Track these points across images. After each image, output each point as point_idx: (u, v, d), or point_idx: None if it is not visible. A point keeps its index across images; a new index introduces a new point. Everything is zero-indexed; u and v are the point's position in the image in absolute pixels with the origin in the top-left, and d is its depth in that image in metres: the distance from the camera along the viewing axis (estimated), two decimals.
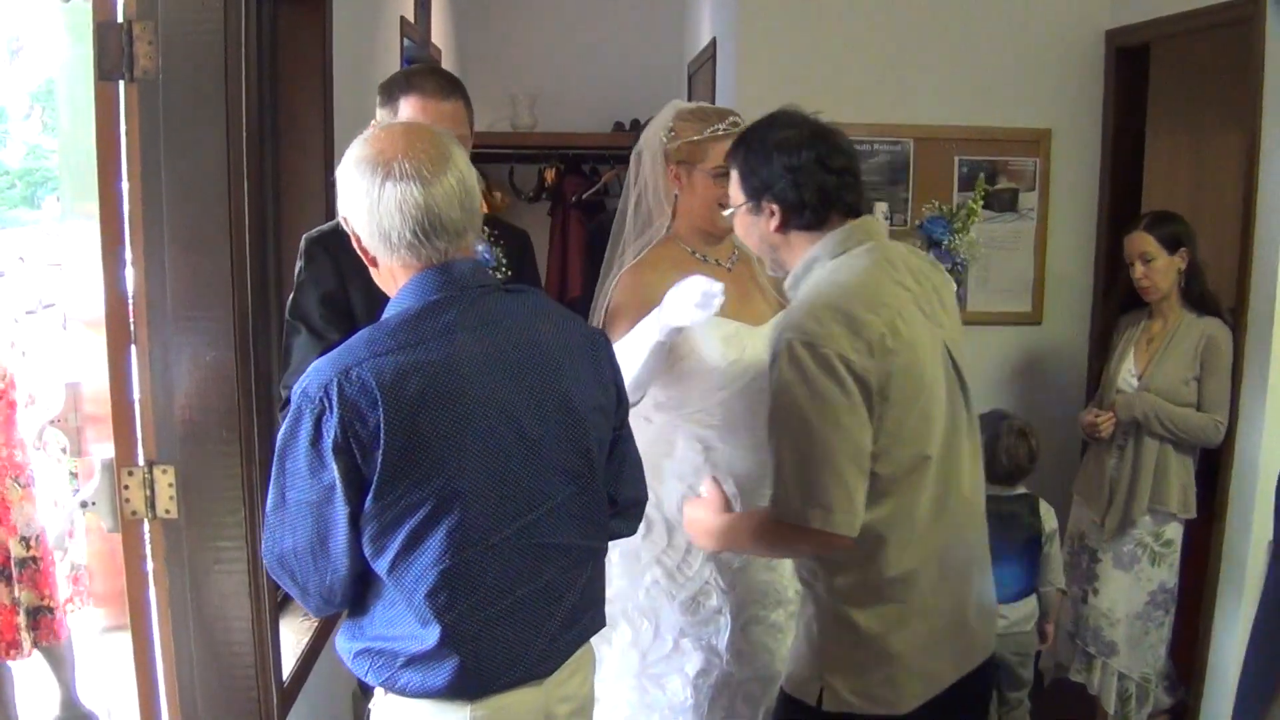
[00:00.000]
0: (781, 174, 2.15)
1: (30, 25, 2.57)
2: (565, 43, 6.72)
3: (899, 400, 2.05)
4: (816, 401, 2.00)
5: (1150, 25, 4.01)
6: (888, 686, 2.14)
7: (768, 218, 2.19)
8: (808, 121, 2.23)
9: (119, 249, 2.25)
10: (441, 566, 1.77)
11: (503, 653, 1.85)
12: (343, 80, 3.27)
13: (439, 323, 1.79)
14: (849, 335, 2.01)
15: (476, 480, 1.78)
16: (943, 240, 3.87)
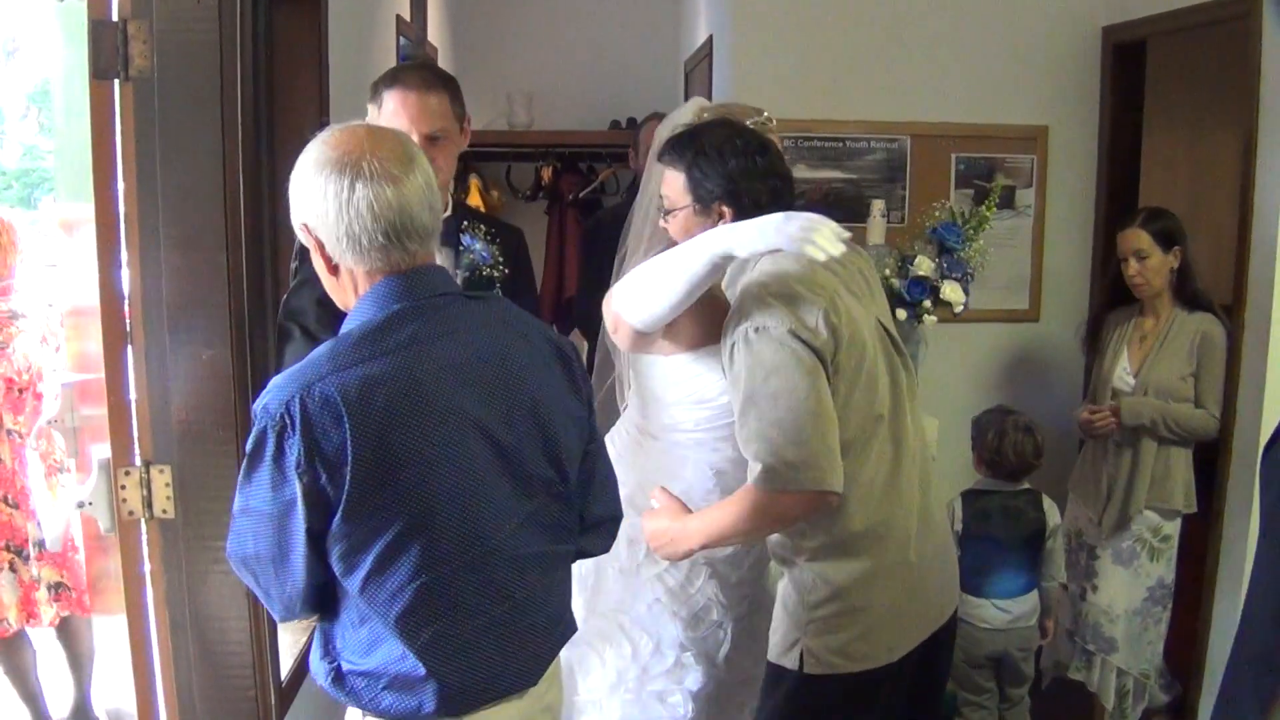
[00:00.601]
0: (739, 178, 2.26)
1: (26, 26, 2.58)
2: (562, 41, 6.71)
3: (847, 369, 2.19)
4: (779, 375, 2.12)
5: (1147, 22, 4.01)
6: (863, 642, 2.25)
7: (716, 219, 2.28)
8: (748, 129, 2.36)
9: (115, 248, 2.24)
10: (416, 584, 1.72)
11: (484, 668, 1.81)
12: (339, 79, 3.27)
13: (403, 334, 1.74)
14: (795, 314, 2.14)
15: (449, 495, 1.74)
16: (956, 248, 3.85)
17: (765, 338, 2.14)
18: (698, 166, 2.28)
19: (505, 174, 6.60)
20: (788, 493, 2.13)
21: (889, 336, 2.38)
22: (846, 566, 2.25)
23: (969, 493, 3.62)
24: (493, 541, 1.79)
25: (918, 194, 4.29)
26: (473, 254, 2.49)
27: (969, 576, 3.49)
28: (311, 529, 1.69)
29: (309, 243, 1.80)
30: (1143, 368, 3.53)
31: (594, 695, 2.55)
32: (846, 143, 4.26)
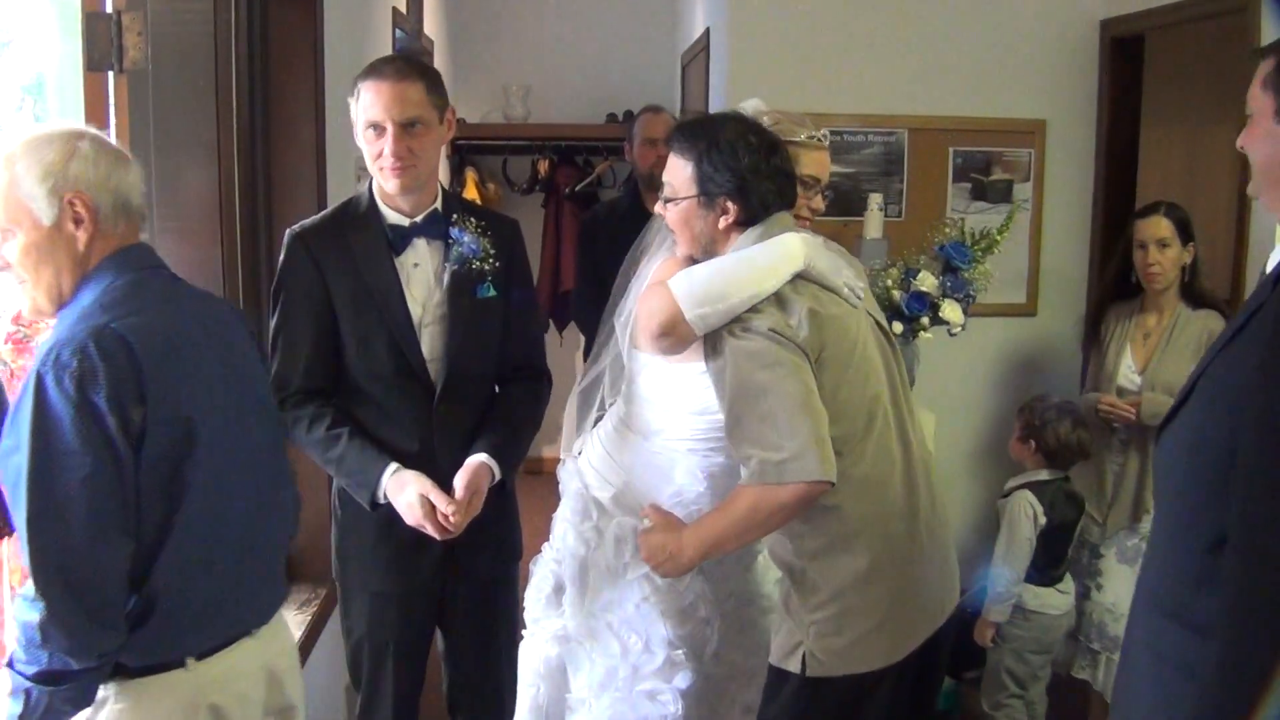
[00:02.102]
0: (748, 176, 2.23)
1: (19, 17, 2.56)
2: (558, 34, 6.70)
3: (834, 365, 2.18)
4: (764, 370, 2.11)
5: (1145, 16, 4.01)
6: (865, 643, 2.22)
7: (718, 214, 2.26)
8: (760, 126, 2.32)
9: None
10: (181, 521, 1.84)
11: (211, 604, 1.91)
12: (334, 71, 3.26)
13: (154, 291, 1.88)
14: (778, 312, 2.15)
15: (211, 438, 1.87)
16: (961, 268, 3.83)
17: (749, 336, 2.14)
18: (708, 159, 2.25)
19: (502, 167, 6.59)
20: (781, 485, 2.10)
21: (882, 330, 2.38)
22: (847, 565, 2.22)
23: (1034, 485, 3.61)
24: (242, 489, 1.99)
25: (915, 188, 4.28)
26: (461, 247, 2.47)
27: (1044, 569, 3.57)
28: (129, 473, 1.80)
29: (87, 208, 1.83)
30: (1149, 365, 3.51)
31: (584, 694, 2.54)
32: (844, 136, 4.24)
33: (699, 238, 2.31)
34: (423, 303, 2.47)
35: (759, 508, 2.15)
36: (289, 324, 2.44)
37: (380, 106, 2.34)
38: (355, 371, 2.45)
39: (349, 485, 2.44)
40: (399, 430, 2.45)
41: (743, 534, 2.24)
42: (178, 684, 1.88)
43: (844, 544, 2.22)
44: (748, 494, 2.15)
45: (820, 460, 2.08)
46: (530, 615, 2.67)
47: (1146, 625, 1.90)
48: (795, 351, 2.12)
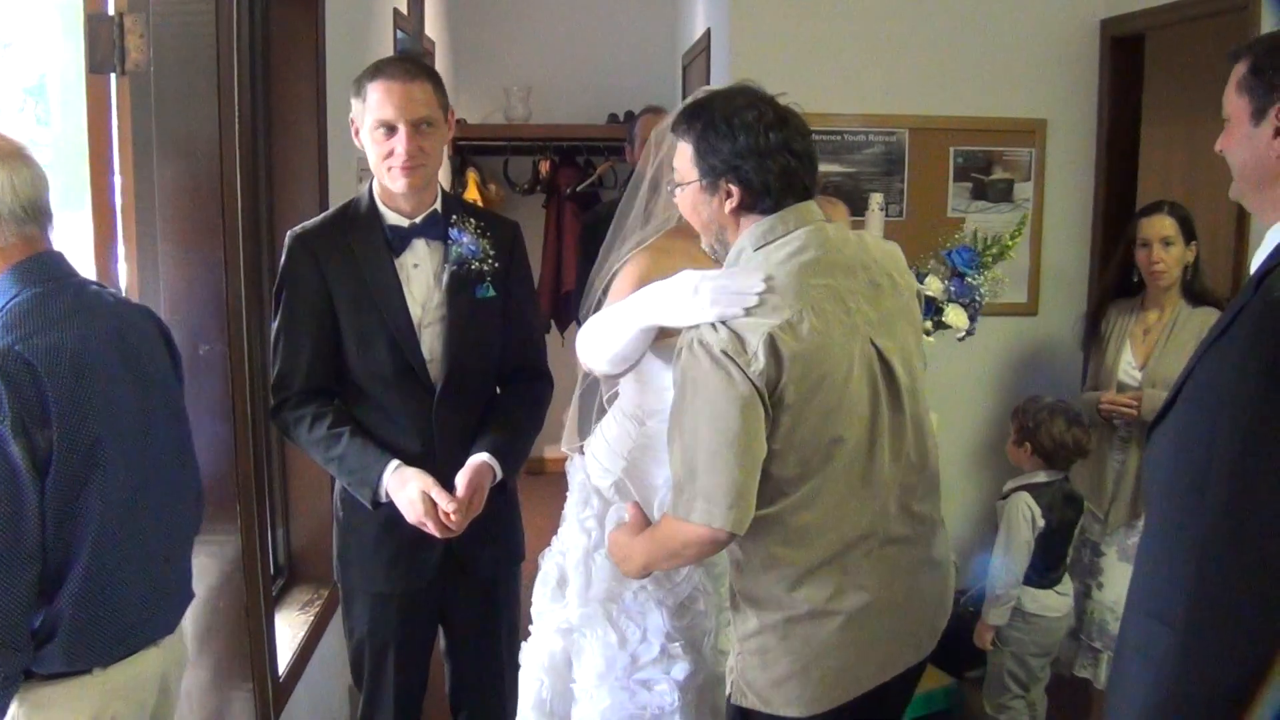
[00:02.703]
0: (747, 155, 2.05)
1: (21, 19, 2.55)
2: (559, 34, 6.70)
3: (795, 402, 1.98)
4: (709, 397, 1.96)
5: (1145, 15, 4.01)
6: (784, 688, 2.09)
7: (723, 198, 2.09)
8: (772, 101, 2.14)
9: (112, 242, 2.24)
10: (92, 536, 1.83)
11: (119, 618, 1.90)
12: (335, 73, 3.26)
13: (61, 306, 1.83)
14: (736, 339, 1.95)
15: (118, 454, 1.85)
16: (967, 274, 3.83)
17: (703, 353, 1.97)
18: (705, 139, 2.09)
19: (503, 168, 6.59)
20: (686, 521, 1.99)
21: (884, 363, 2.11)
22: (775, 605, 2.09)
23: (1032, 487, 3.58)
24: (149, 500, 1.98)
25: (916, 187, 4.29)
26: (461, 247, 2.48)
27: (1043, 572, 3.54)
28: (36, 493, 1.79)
29: None
30: (1149, 362, 3.51)
31: (586, 685, 2.56)
32: (844, 136, 4.25)
33: (709, 225, 2.17)
34: (423, 303, 2.48)
35: (672, 537, 2.06)
36: (291, 325, 2.44)
37: (392, 106, 2.34)
38: (356, 372, 2.46)
39: (350, 484, 2.44)
40: (400, 430, 2.45)
41: (666, 559, 2.17)
42: (84, 691, 1.87)
43: (773, 583, 2.08)
44: (666, 523, 2.08)
45: (728, 509, 1.94)
46: (536, 609, 2.69)
47: (1136, 627, 1.90)
48: (745, 383, 1.94)
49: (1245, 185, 1.87)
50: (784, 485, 2.03)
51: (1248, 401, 1.65)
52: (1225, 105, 1.85)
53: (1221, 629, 1.63)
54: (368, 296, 2.42)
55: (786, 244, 2.06)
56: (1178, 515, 1.80)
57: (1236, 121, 1.83)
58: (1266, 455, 1.63)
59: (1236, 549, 1.64)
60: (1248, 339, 1.68)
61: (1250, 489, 1.64)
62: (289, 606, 3.18)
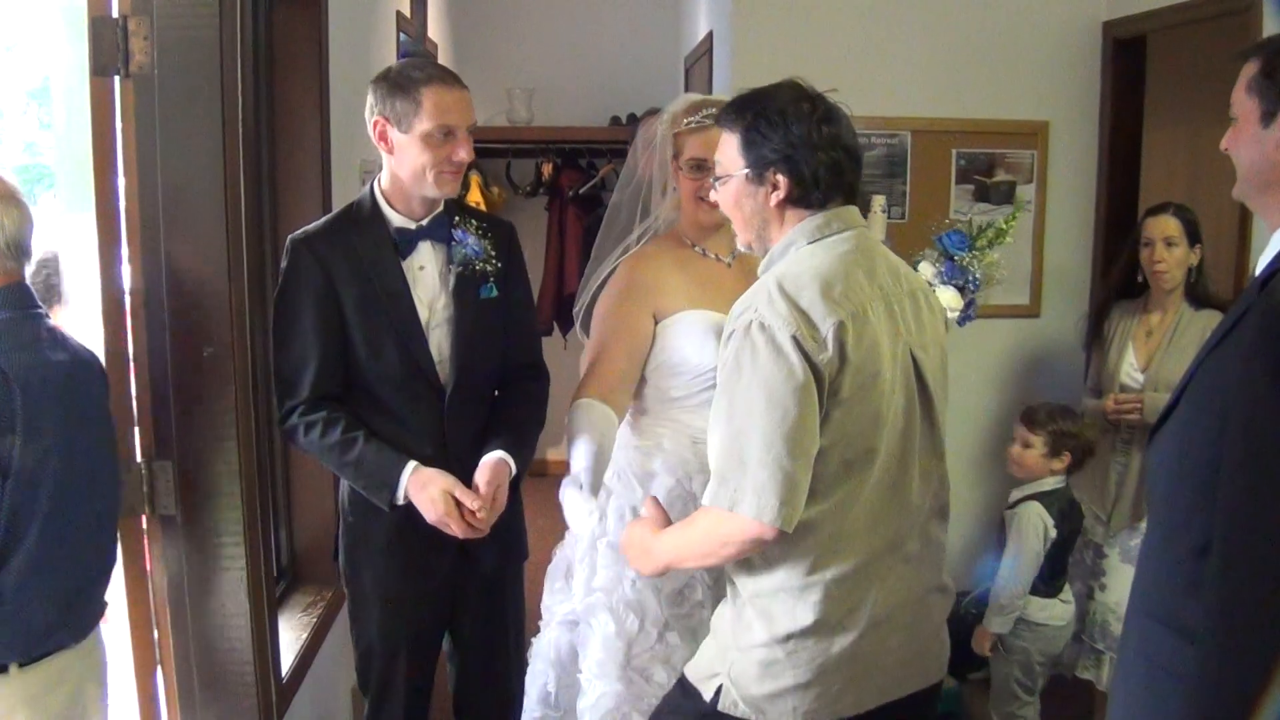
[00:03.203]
0: (799, 145, 2.01)
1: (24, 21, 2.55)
2: (561, 37, 6.70)
3: (849, 397, 1.93)
4: (765, 384, 1.89)
5: (1147, 17, 4.01)
6: (780, 701, 2.01)
7: (769, 190, 2.04)
8: (819, 96, 2.12)
9: (116, 244, 2.24)
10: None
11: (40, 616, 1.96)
12: (339, 75, 3.27)
13: (32, 331, 1.97)
14: (808, 323, 1.90)
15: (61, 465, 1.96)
16: (956, 255, 3.83)
17: (765, 337, 1.89)
18: (757, 128, 2.04)
19: (505, 170, 6.60)
20: (732, 514, 1.90)
21: (919, 376, 2.08)
22: (787, 615, 2.00)
23: (1042, 495, 3.56)
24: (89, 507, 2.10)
25: (919, 189, 4.28)
26: (465, 248, 2.49)
27: (1049, 580, 3.53)
28: None
29: None
30: (1151, 364, 3.51)
31: (589, 675, 2.57)
32: None
33: (750, 220, 2.10)
34: (429, 305, 2.48)
35: (711, 533, 1.98)
36: (296, 330, 2.44)
37: (457, 111, 2.36)
38: (365, 376, 2.46)
39: (367, 487, 2.43)
40: (411, 433, 2.45)
41: (701, 557, 2.08)
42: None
43: (791, 592, 1.99)
44: (705, 515, 1.99)
45: (780, 504, 1.87)
46: (545, 603, 2.71)
47: (1139, 630, 1.91)
48: (808, 371, 1.88)
49: (1250, 187, 1.86)
50: (824, 487, 1.95)
51: (1253, 404, 1.64)
52: (1234, 105, 1.84)
53: (1250, 640, 1.62)
54: (375, 299, 2.42)
55: (842, 242, 2.03)
56: (1183, 517, 1.80)
57: (1245, 122, 1.82)
58: (1273, 458, 1.62)
59: (1253, 555, 1.62)
60: (1252, 342, 1.68)
61: (1261, 492, 1.63)
62: (292, 609, 3.18)
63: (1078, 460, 3.56)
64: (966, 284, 3.79)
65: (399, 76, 2.38)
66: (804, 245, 2.04)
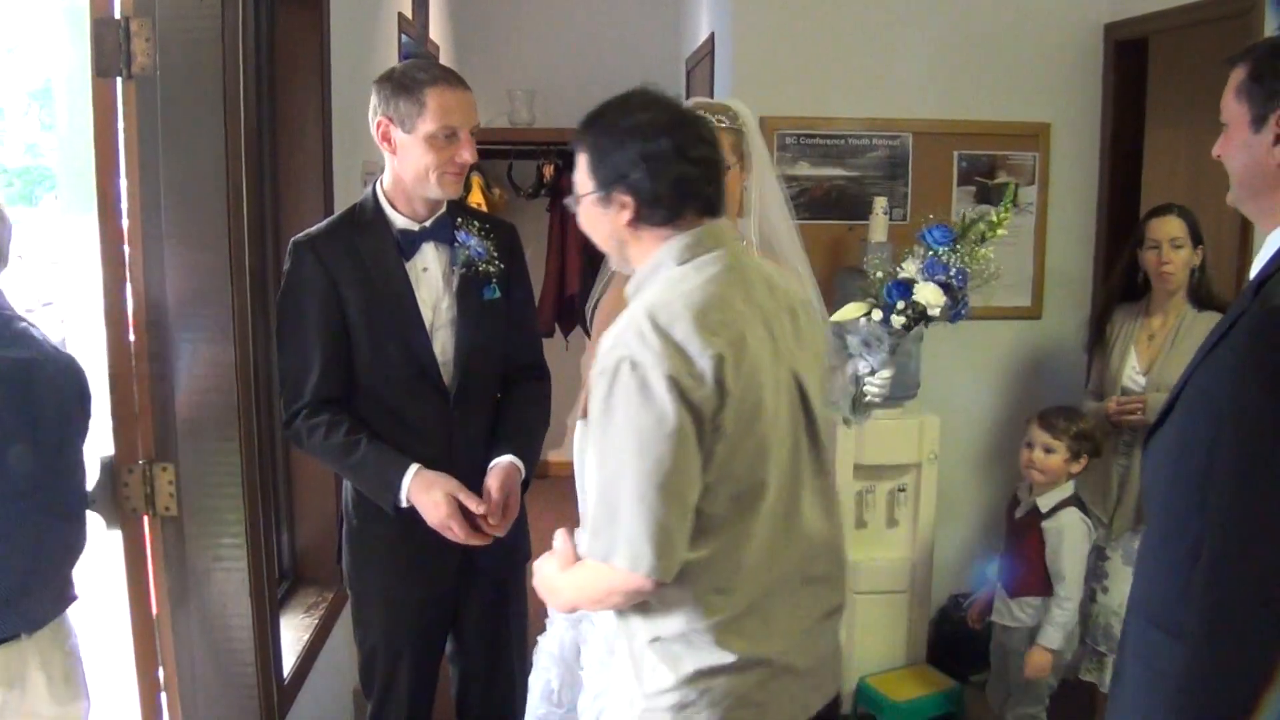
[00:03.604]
0: (637, 162, 1.87)
1: (26, 22, 2.55)
2: (563, 38, 6.71)
3: (733, 431, 1.82)
4: (637, 430, 1.77)
5: (1149, 19, 4.01)
6: None
7: (618, 210, 1.91)
8: (668, 104, 1.96)
9: (118, 246, 2.24)
10: None
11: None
12: (340, 76, 3.27)
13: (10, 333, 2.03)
14: (683, 358, 1.77)
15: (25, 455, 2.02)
16: (938, 250, 3.81)
17: (637, 379, 1.76)
18: (599, 147, 1.93)
19: (507, 172, 6.60)
20: (608, 564, 1.82)
21: (802, 397, 1.99)
22: (698, 655, 1.91)
23: (1074, 499, 3.55)
24: None
25: (920, 191, 4.28)
26: (468, 250, 2.49)
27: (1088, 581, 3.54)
28: None
29: None
30: (1153, 367, 3.51)
31: (590, 671, 2.57)
32: (848, 140, 4.25)
33: (608, 241, 2.00)
34: (433, 306, 2.48)
35: (594, 583, 1.89)
36: (299, 333, 2.43)
37: (460, 112, 2.37)
38: (370, 378, 2.45)
39: (370, 489, 2.43)
40: (417, 435, 2.45)
41: (594, 603, 1.97)
42: None
43: (694, 633, 1.91)
44: (587, 564, 1.90)
45: (655, 556, 1.77)
46: None
47: (1137, 634, 1.92)
48: (684, 413, 1.76)
49: (1243, 192, 1.88)
50: (714, 524, 1.85)
51: (1248, 408, 1.66)
52: (1224, 111, 1.86)
53: (1235, 641, 1.63)
54: (379, 301, 2.42)
55: (713, 262, 1.91)
56: (1178, 522, 1.81)
57: (1235, 128, 1.84)
58: (1267, 462, 1.64)
59: (1243, 559, 1.64)
60: (1246, 345, 1.70)
61: (1253, 497, 1.64)
62: (294, 609, 3.18)
63: (1091, 462, 3.57)
64: (951, 280, 3.77)
65: (403, 77, 2.38)
66: (674, 267, 1.92)
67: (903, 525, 4.06)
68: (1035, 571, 3.53)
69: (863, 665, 4.08)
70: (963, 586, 4.41)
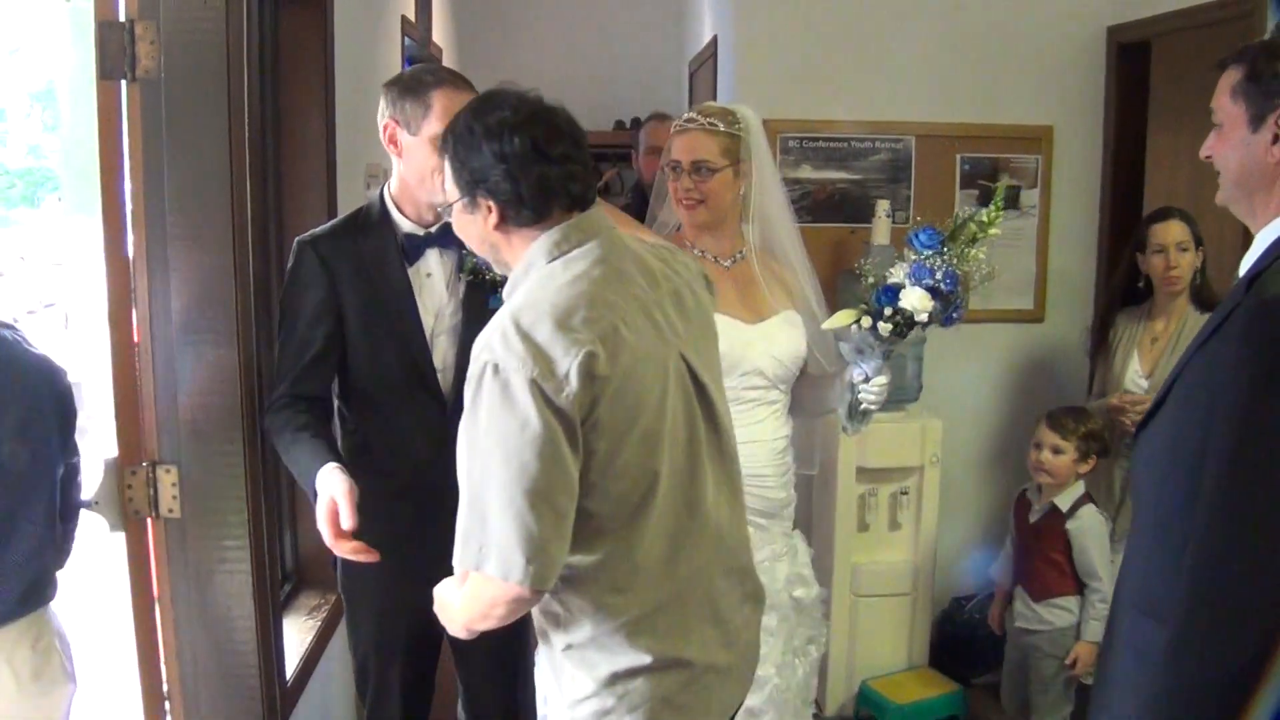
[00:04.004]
0: (494, 164, 1.83)
1: (30, 24, 2.56)
2: (566, 41, 6.72)
3: (613, 426, 1.78)
4: (501, 436, 1.73)
5: (1151, 22, 4.01)
6: None
7: (485, 215, 1.88)
8: (523, 101, 1.89)
9: (122, 248, 2.25)
10: None
11: None
12: (344, 80, 3.27)
13: None
14: (546, 361, 1.73)
15: None
16: (925, 254, 3.80)
17: (499, 383, 1.73)
18: (457, 154, 1.89)
19: None
20: (481, 572, 1.76)
21: (694, 379, 1.95)
22: (614, 658, 1.89)
23: (1088, 497, 3.58)
24: None
25: (922, 194, 4.29)
26: (475, 258, 2.49)
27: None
28: None
29: None
30: (1156, 370, 3.52)
31: None
32: (851, 143, 4.26)
33: (482, 246, 1.98)
34: (435, 312, 2.47)
35: (479, 597, 1.83)
36: (292, 330, 2.43)
37: None
38: (365, 381, 2.45)
39: (298, 477, 2.34)
40: (411, 440, 2.45)
41: (482, 619, 1.87)
42: None
43: (607, 636, 1.89)
44: (471, 578, 1.83)
45: (526, 562, 1.72)
46: None
47: (1128, 625, 1.95)
48: (551, 417, 1.71)
49: (1238, 190, 1.92)
50: (607, 523, 1.82)
51: (1241, 399, 1.69)
52: (1217, 111, 1.91)
53: (1218, 623, 1.67)
54: (379, 304, 2.42)
55: (582, 257, 1.87)
56: (1169, 512, 1.84)
57: (1231, 127, 1.88)
58: (1260, 452, 1.67)
59: (1231, 545, 1.68)
60: (1239, 338, 1.72)
61: (1245, 486, 1.67)
62: (296, 612, 3.18)
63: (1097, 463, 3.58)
64: (939, 284, 3.75)
65: (410, 80, 2.38)
66: (543, 265, 1.88)
67: (905, 528, 4.06)
68: (1062, 573, 3.54)
69: (865, 668, 4.08)
70: (965, 589, 4.41)
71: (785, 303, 2.79)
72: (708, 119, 2.69)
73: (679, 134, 2.71)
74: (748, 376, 2.66)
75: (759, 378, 2.68)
